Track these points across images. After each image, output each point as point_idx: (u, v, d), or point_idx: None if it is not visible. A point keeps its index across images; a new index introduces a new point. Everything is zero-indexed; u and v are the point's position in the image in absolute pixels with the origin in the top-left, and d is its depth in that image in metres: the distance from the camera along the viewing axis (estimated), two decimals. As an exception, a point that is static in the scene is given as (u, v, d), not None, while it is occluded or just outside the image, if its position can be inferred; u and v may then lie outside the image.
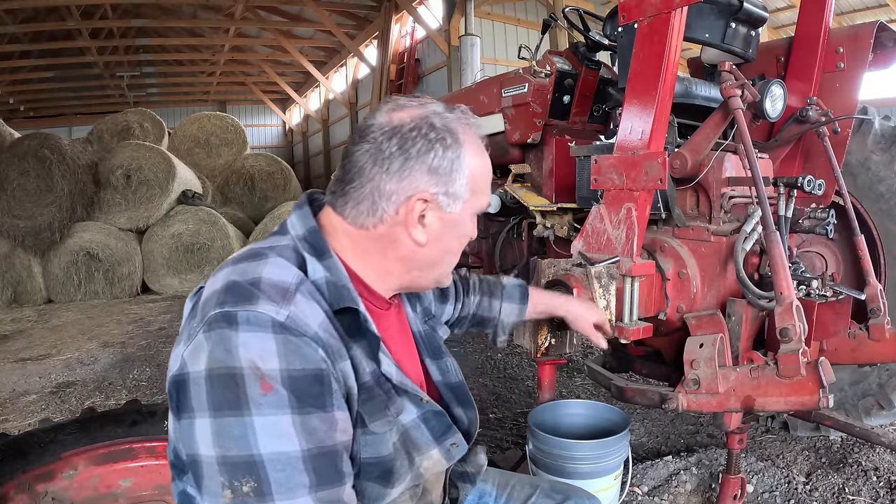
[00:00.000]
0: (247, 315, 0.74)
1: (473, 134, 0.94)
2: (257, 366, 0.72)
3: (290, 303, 0.78)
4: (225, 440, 0.71)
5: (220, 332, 0.74)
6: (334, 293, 0.84)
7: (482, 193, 0.96)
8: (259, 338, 0.74)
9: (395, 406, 0.89)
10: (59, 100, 16.54)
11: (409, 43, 12.25)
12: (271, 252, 0.85)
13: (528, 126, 2.59)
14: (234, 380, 0.72)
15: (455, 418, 1.02)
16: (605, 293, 1.76)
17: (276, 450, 0.71)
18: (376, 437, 0.85)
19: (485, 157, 0.96)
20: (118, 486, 1.36)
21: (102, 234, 7.19)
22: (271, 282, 0.79)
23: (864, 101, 2.24)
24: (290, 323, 0.76)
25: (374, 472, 0.85)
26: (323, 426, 0.75)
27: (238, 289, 0.78)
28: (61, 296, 7.09)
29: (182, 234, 7.51)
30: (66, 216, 6.93)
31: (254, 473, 0.71)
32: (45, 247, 6.95)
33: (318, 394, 0.76)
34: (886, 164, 2.32)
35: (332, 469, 0.76)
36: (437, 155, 0.88)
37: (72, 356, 4.44)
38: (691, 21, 1.86)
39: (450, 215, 0.91)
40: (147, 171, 7.40)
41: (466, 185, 0.91)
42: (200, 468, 0.72)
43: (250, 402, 0.71)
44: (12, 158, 6.84)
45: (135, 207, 7.36)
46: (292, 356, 0.74)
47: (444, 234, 0.92)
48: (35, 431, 1.38)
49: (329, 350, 0.79)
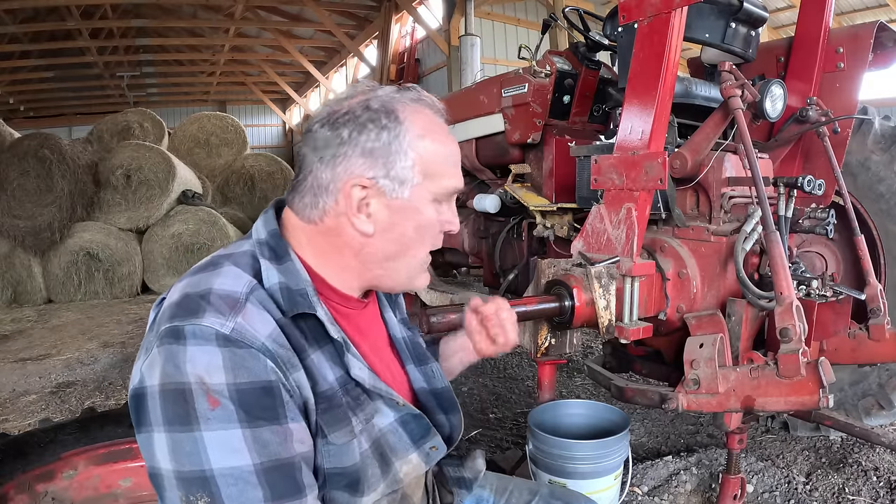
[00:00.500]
0: (192, 329, 0.74)
1: (427, 113, 0.88)
2: (204, 381, 0.71)
3: (238, 313, 0.76)
4: (179, 455, 0.71)
5: (169, 347, 0.73)
6: (289, 299, 0.82)
7: (443, 176, 0.88)
8: (205, 352, 0.73)
9: (365, 412, 0.86)
10: (59, 100, 16.55)
11: (409, 43, 12.26)
12: (227, 261, 0.83)
13: (528, 126, 2.59)
14: (184, 395, 0.71)
15: (438, 424, 1.00)
16: (605, 293, 1.76)
17: (227, 465, 0.71)
18: (338, 447, 0.82)
19: (439, 135, 0.88)
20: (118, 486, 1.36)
21: (102, 234, 7.19)
22: (221, 293, 0.78)
23: (864, 101, 2.24)
24: (235, 335, 0.74)
25: (340, 481, 0.83)
26: (276, 438, 0.74)
27: (187, 302, 0.77)
28: (61, 296, 7.09)
29: (182, 234, 7.50)
30: (66, 216, 6.92)
31: (206, 489, 0.70)
32: (45, 247, 6.94)
33: (268, 406, 0.74)
34: (886, 164, 2.32)
35: (288, 482, 0.75)
36: (370, 137, 0.83)
37: (72, 356, 4.44)
38: (691, 21, 1.86)
39: (397, 201, 0.85)
40: (147, 171, 7.40)
41: (413, 167, 0.84)
42: (162, 481, 0.73)
43: (199, 417, 0.71)
44: (12, 158, 6.84)
45: (135, 207, 7.35)
46: (239, 369, 0.73)
47: (396, 224, 0.86)
48: (35, 431, 1.38)
49: (279, 361, 0.77)
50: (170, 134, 9.89)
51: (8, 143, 7.12)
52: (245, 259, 0.84)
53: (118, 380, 3.80)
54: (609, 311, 1.76)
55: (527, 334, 1.97)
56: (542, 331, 1.91)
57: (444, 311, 1.66)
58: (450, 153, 0.90)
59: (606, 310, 1.76)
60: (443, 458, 0.98)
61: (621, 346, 2.29)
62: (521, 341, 2.01)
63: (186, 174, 8.09)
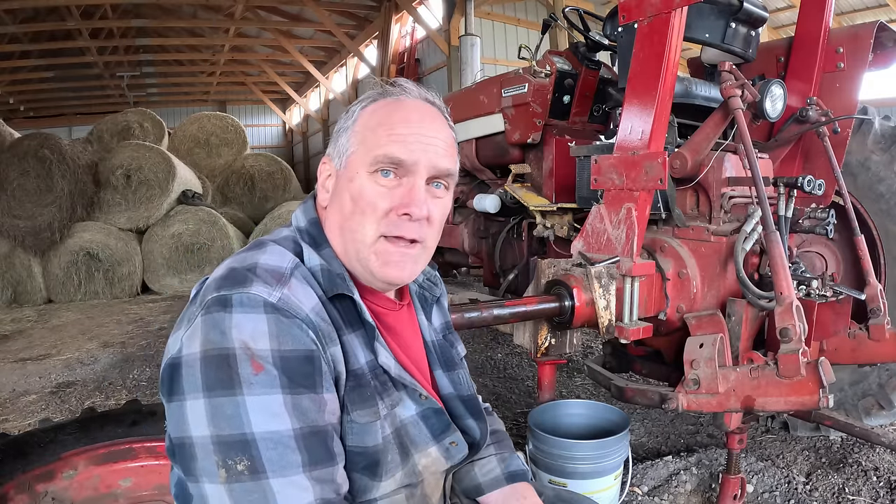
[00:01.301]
0: (240, 297, 0.77)
1: (399, 99, 0.92)
2: (248, 346, 0.74)
3: (285, 286, 0.80)
4: (218, 420, 0.72)
5: (215, 314, 0.76)
6: (329, 280, 0.86)
7: (379, 145, 0.86)
8: (251, 319, 0.75)
9: (391, 398, 0.88)
10: (59, 100, 16.55)
11: (409, 43, 12.26)
12: (271, 242, 0.89)
13: (528, 126, 2.59)
14: (227, 360, 0.73)
15: (467, 429, 1.01)
16: (605, 293, 1.76)
17: (268, 428, 0.72)
18: (360, 426, 0.84)
19: (389, 108, 0.90)
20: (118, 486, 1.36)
21: (102, 234, 7.19)
22: (267, 266, 0.82)
23: (864, 101, 2.24)
24: (282, 304, 0.77)
25: (359, 462, 0.84)
26: (313, 406, 0.77)
27: (235, 274, 0.80)
28: (61, 296, 7.09)
29: (182, 234, 7.50)
30: (66, 216, 6.92)
31: (247, 452, 0.71)
32: (45, 247, 6.94)
33: (308, 374, 0.77)
34: (886, 164, 2.32)
35: (323, 448, 0.77)
36: (339, 124, 0.93)
37: (72, 356, 4.44)
38: (691, 21, 1.87)
39: (340, 171, 0.91)
40: (147, 171, 7.40)
41: (351, 137, 0.90)
42: (193, 449, 0.73)
43: (242, 381, 0.73)
44: (12, 158, 6.84)
45: (135, 207, 7.35)
46: (284, 336, 0.76)
47: (338, 193, 0.91)
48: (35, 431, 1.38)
49: (320, 333, 0.80)
50: (170, 134, 9.89)
51: (8, 143, 7.13)
52: (287, 242, 0.90)
53: (118, 380, 3.80)
54: (609, 311, 1.76)
55: (527, 334, 1.97)
56: (542, 331, 1.91)
57: None
58: (393, 121, 0.88)
59: (606, 310, 1.76)
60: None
61: (621, 346, 2.29)
62: (521, 341, 2.01)
63: (186, 174, 8.10)
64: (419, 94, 0.93)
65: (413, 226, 0.88)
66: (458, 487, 1.10)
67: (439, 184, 0.92)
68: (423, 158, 0.87)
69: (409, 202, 0.87)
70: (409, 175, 0.88)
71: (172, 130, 10.34)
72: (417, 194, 0.87)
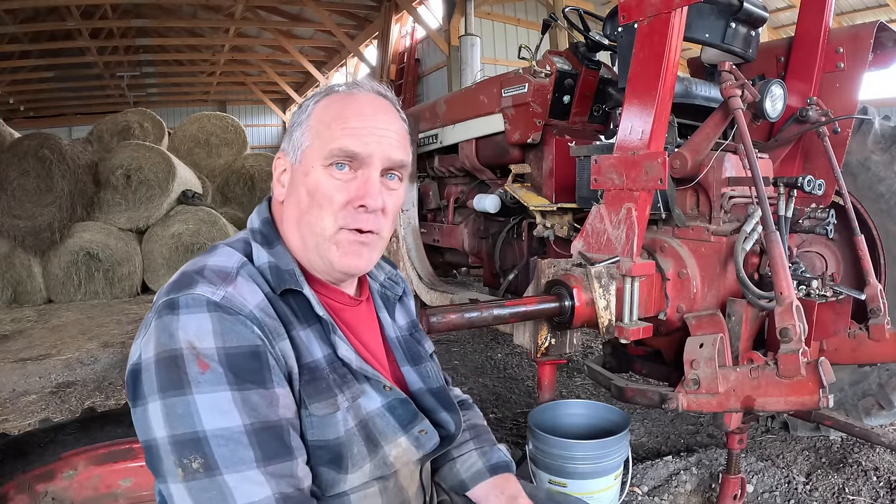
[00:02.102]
0: (185, 299, 0.78)
1: (354, 94, 0.93)
2: (194, 345, 0.75)
3: (229, 284, 0.82)
4: (172, 419, 0.73)
5: (164, 318, 0.78)
6: (277, 276, 0.88)
7: (332, 138, 0.88)
8: (195, 318, 0.77)
9: (352, 390, 0.88)
10: (59, 100, 16.54)
11: (409, 43, 12.26)
12: (223, 245, 0.91)
13: (528, 126, 2.59)
14: (175, 361, 0.75)
15: (442, 423, 1.01)
16: (605, 293, 1.76)
17: (218, 426, 0.73)
18: (319, 419, 0.85)
19: (342, 103, 0.91)
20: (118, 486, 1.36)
21: (102, 234, 7.18)
22: (214, 268, 0.84)
23: (864, 101, 2.24)
24: (224, 302, 0.79)
25: (323, 455, 0.85)
26: (263, 402, 0.77)
27: (183, 278, 0.82)
28: (61, 296, 7.08)
29: (182, 234, 7.50)
30: (66, 216, 6.91)
31: (199, 450, 0.73)
32: (45, 247, 6.93)
33: (255, 370, 0.78)
34: (886, 164, 2.32)
35: (277, 443, 0.77)
36: (292, 119, 0.94)
37: (72, 356, 4.44)
38: (691, 21, 1.87)
39: (295, 166, 0.92)
40: (147, 171, 7.39)
41: (305, 132, 0.91)
42: (157, 451, 0.74)
43: (191, 381, 0.74)
44: (12, 158, 6.83)
45: (135, 207, 7.34)
46: (228, 334, 0.77)
47: (294, 188, 0.92)
48: (35, 431, 1.38)
49: (266, 329, 0.81)
50: (170, 134, 9.88)
51: (8, 143, 7.12)
52: (238, 244, 0.92)
53: (118, 380, 3.79)
54: (609, 311, 1.76)
55: (527, 334, 1.97)
56: (542, 331, 1.91)
57: (444, 311, 1.66)
58: (346, 115, 0.90)
59: (606, 310, 1.76)
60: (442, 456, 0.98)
61: (621, 346, 2.30)
62: (521, 341, 2.01)
63: (186, 174, 8.09)
64: (371, 87, 0.95)
65: (369, 217, 0.90)
66: (445, 486, 1.10)
67: (393, 175, 0.94)
68: (377, 151, 0.89)
69: (364, 194, 0.88)
70: (364, 167, 0.90)
71: (172, 130, 10.32)
72: (372, 187, 0.89)
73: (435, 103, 3.29)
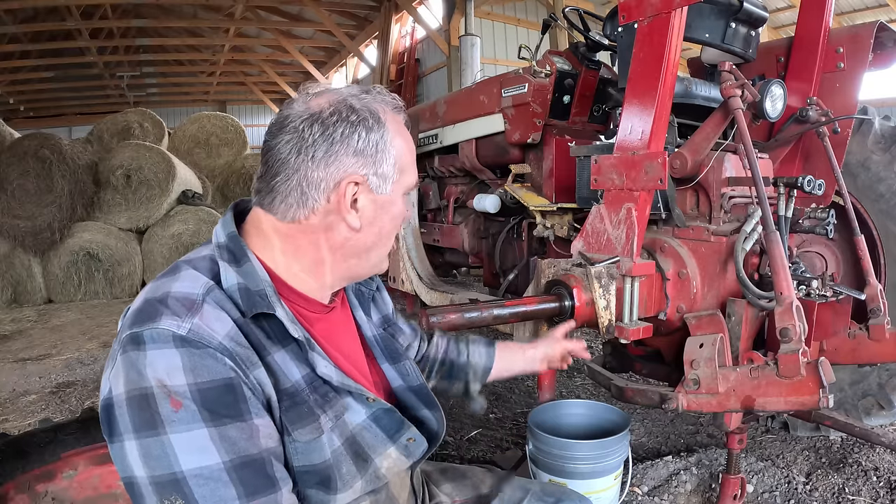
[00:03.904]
0: (150, 333, 0.75)
1: (393, 112, 0.93)
2: (165, 383, 0.72)
3: (195, 315, 0.77)
4: (149, 460, 0.72)
5: (130, 354, 0.74)
6: (248, 300, 0.82)
7: (409, 172, 0.95)
8: (163, 354, 0.74)
9: (334, 409, 0.86)
10: (59, 100, 16.53)
11: (409, 43, 12.25)
12: (187, 265, 0.85)
13: (528, 126, 2.59)
14: (147, 400, 0.72)
15: (421, 421, 1.00)
16: (605, 293, 1.76)
17: (197, 465, 0.71)
18: (304, 444, 0.82)
19: (406, 134, 0.95)
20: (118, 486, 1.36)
21: (102, 234, 7.18)
22: (179, 295, 0.79)
23: (864, 101, 2.24)
24: (191, 336, 0.75)
25: (311, 479, 0.83)
26: (242, 435, 0.75)
27: (146, 307, 0.78)
28: (61, 296, 7.09)
29: (182, 234, 7.50)
30: (66, 216, 6.92)
31: (179, 490, 0.71)
32: (45, 247, 6.94)
33: (230, 403, 0.75)
34: (886, 164, 2.32)
35: (260, 477, 0.75)
36: (360, 137, 0.86)
37: (72, 356, 4.44)
38: (691, 21, 1.86)
39: (382, 197, 0.90)
40: (147, 171, 7.39)
41: (394, 164, 0.91)
42: (137, 489, 0.73)
43: (164, 420, 0.71)
44: (12, 158, 6.83)
45: (135, 207, 7.35)
46: (199, 369, 0.74)
47: (378, 217, 0.91)
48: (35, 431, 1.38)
49: (238, 359, 0.77)
50: (170, 134, 9.88)
51: (8, 143, 7.12)
52: (204, 263, 0.86)
53: (118, 380, 3.79)
54: (609, 311, 1.76)
55: (527, 334, 1.97)
56: (542, 331, 1.91)
57: (444, 311, 1.66)
58: (413, 148, 0.97)
59: (606, 310, 1.76)
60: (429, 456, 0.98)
61: (621, 346, 2.29)
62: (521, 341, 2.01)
63: (186, 174, 8.09)
64: (402, 106, 0.98)
65: None
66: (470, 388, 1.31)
67: None
68: None
69: (411, 211, 1.00)
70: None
71: (172, 130, 10.33)
72: (410, 205, 0.98)
73: (435, 103, 3.29)
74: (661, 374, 2.20)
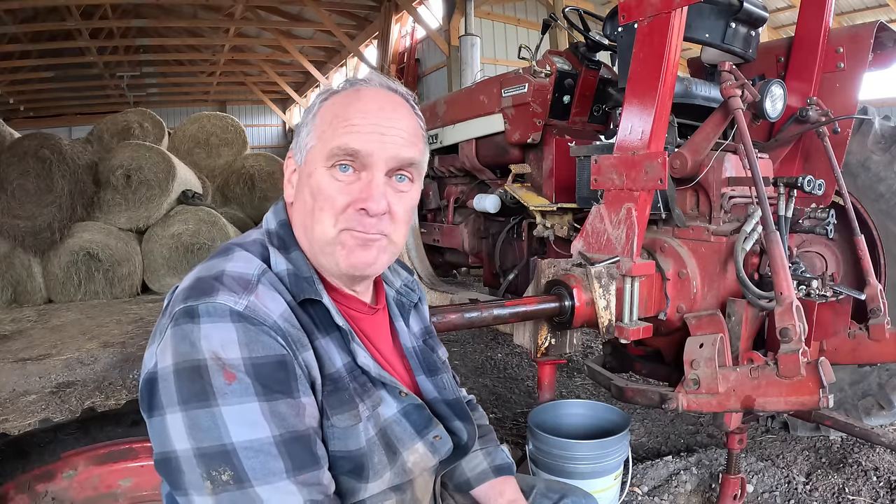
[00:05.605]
0: (206, 307, 0.76)
1: (368, 87, 0.89)
2: (219, 356, 0.73)
3: (251, 293, 0.79)
4: (197, 432, 0.72)
5: (183, 326, 0.75)
6: (297, 285, 0.85)
7: (334, 137, 0.85)
8: (219, 328, 0.75)
9: (372, 399, 0.87)
10: (59, 100, 16.54)
11: (409, 43, 12.26)
12: (238, 247, 0.87)
13: (528, 126, 2.59)
14: (199, 372, 0.73)
15: (455, 431, 1.01)
16: (605, 293, 1.76)
17: (247, 437, 0.72)
18: (342, 430, 0.84)
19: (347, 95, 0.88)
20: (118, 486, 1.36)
21: (102, 234, 7.18)
22: (233, 274, 0.81)
23: (864, 101, 2.24)
24: (248, 312, 0.77)
25: (344, 465, 0.84)
26: (291, 411, 0.76)
27: (201, 283, 0.79)
28: (61, 296, 7.08)
29: (182, 234, 7.49)
30: (66, 216, 6.91)
31: (228, 462, 0.71)
32: (45, 247, 6.93)
33: (282, 380, 0.76)
34: (886, 164, 2.32)
35: (306, 453, 0.77)
36: (301, 118, 0.92)
37: (72, 356, 4.44)
38: (691, 21, 1.87)
39: (301, 168, 0.90)
40: (147, 171, 7.39)
41: (310, 132, 0.89)
42: (178, 463, 0.73)
43: (216, 392, 0.72)
44: (12, 158, 6.83)
45: (135, 207, 7.34)
46: (254, 344, 0.75)
47: (300, 190, 0.90)
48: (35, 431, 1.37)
49: (290, 339, 0.79)
50: (170, 134, 9.88)
51: (8, 143, 7.11)
52: (255, 247, 0.88)
53: (118, 380, 3.79)
54: (609, 311, 1.76)
55: (527, 334, 1.97)
56: (542, 331, 1.91)
57: (444, 311, 1.66)
58: (349, 113, 0.86)
59: (606, 310, 1.76)
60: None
61: (621, 346, 2.30)
62: (521, 341, 2.01)
63: (186, 174, 8.09)
64: (380, 82, 0.91)
65: (372, 221, 0.86)
66: (450, 484, 1.11)
67: (403, 176, 0.90)
68: (378, 149, 0.85)
69: (366, 196, 0.85)
70: (367, 169, 0.86)
71: (172, 130, 10.33)
72: (375, 189, 0.85)
73: (435, 103, 3.29)
74: (661, 374, 2.20)
